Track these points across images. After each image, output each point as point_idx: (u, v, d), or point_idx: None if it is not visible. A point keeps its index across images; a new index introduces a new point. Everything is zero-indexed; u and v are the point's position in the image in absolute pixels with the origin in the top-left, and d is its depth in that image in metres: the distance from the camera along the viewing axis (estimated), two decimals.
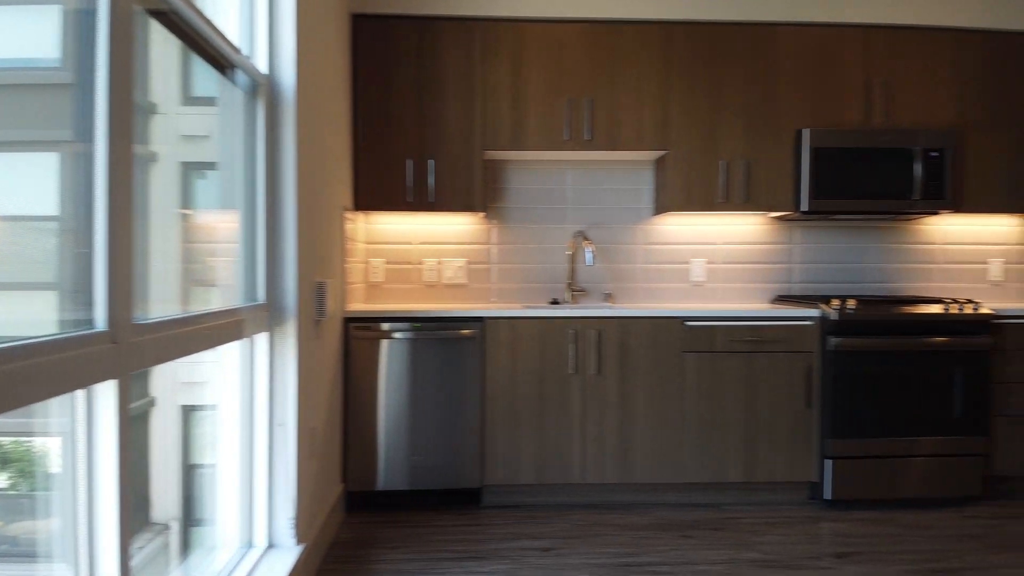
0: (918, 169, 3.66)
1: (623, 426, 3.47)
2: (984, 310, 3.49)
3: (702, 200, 3.73)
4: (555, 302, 3.97)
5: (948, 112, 3.80)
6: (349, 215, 3.51)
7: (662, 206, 3.83)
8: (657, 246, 4.06)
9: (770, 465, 3.50)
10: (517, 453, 3.44)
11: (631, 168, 4.04)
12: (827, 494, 3.47)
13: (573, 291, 3.99)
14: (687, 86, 3.71)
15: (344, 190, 3.42)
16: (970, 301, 3.54)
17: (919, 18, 3.76)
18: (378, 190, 3.62)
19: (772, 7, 3.71)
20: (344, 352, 3.40)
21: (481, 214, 3.92)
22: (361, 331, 3.39)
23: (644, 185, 4.04)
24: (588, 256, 3.82)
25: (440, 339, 3.42)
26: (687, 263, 4.07)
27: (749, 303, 4.03)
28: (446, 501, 3.54)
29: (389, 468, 3.42)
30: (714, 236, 4.07)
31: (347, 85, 3.52)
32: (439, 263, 3.97)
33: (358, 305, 3.72)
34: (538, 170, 4.01)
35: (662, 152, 3.76)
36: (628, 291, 4.05)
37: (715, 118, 3.72)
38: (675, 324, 3.48)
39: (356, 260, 3.73)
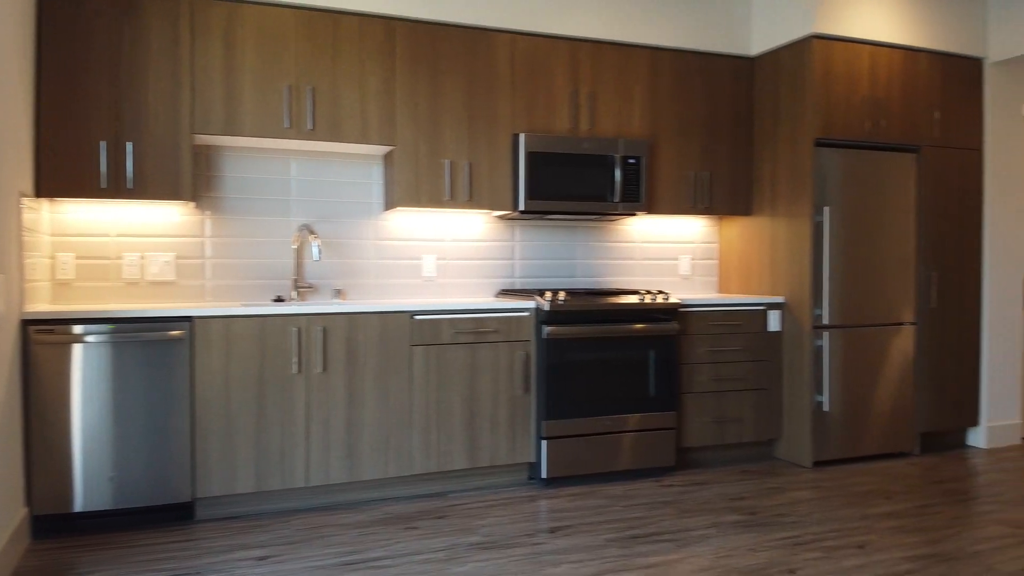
0: (618, 175, 4.03)
1: (350, 424, 3.41)
2: (673, 300, 3.93)
3: (430, 197, 3.78)
4: (279, 299, 3.80)
5: (643, 123, 4.22)
6: (29, 202, 3.08)
7: (391, 201, 3.83)
8: (388, 242, 4.06)
9: (492, 450, 3.65)
10: (234, 462, 3.24)
11: (361, 161, 3.99)
12: (544, 473, 3.70)
13: (299, 288, 3.85)
14: (411, 84, 3.74)
15: (23, 174, 2.99)
16: (661, 292, 3.96)
17: (619, 35, 4.14)
18: (66, 175, 3.21)
19: (489, 13, 3.87)
20: (24, 359, 2.97)
21: (191, 204, 3.64)
22: (45, 335, 2.99)
23: (374, 179, 4.02)
24: (314, 251, 3.71)
25: (144, 342, 3.12)
26: (419, 259, 4.11)
27: (477, 297, 4.17)
28: (157, 518, 3.24)
29: (89, 486, 3.05)
30: (444, 233, 4.16)
31: (29, 56, 3.08)
32: (142, 258, 3.61)
33: (42, 306, 3.27)
34: (258, 158, 3.82)
35: (389, 147, 3.76)
36: (360, 287, 4.00)
37: (439, 118, 3.80)
38: (404, 318, 3.49)
39: (39, 254, 3.28)
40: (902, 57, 4.27)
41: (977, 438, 4.59)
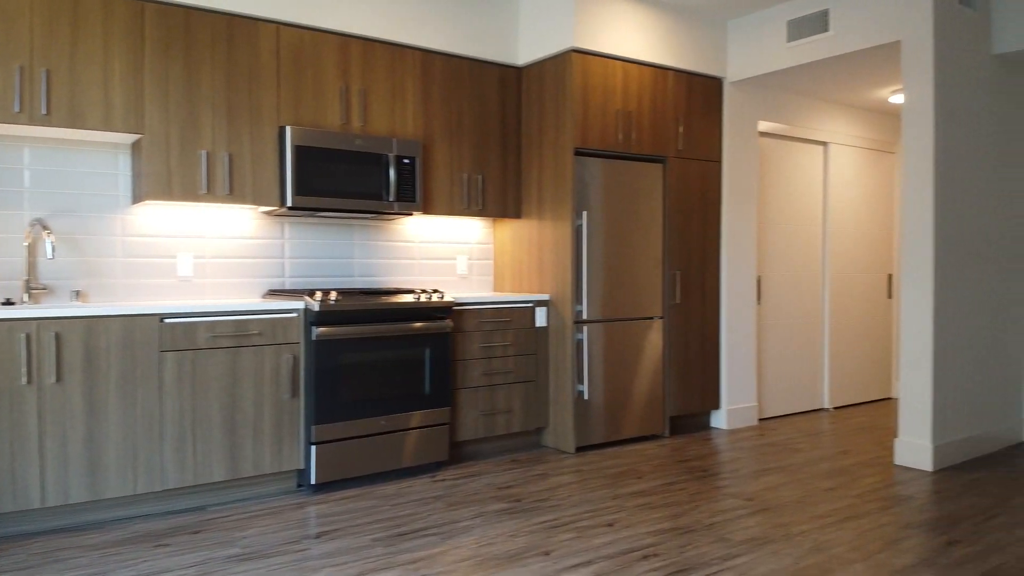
0: (392, 174, 4.03)
1: (92, 438, 3.12)
2: (447, 298, 4.00)
3: (184, 190, 3.55)
4: (9, 302, 3.39)
5: (417, 123, 4.26)
6: None
7: (140, 194, 3.54)
8: (138, 238, 3.75)
9: (256, 459, 3.50)
10: None
11: (105, 150, 3.65)
12: (313, 479, 3.61)
13: (32, 289, 3.45)
14: (162, 69, 3.49)
15: None
16: (436, 291, 4.02)
17: (391, 34, 4.14)
18: None
19: (250, 1, 3.70)
20: None
21: None
22: None
23: (121, 170, 3.69)
24: (48, 248, 3.34)
25: None
26: (173, 257, 3.84)
27: (242, 298, 3.97)
28: None
29: None
30: (203, 229, 3.92)
31: None
32: None
33: None
34: None
35: (137, 136, 3.48)
36: (104, 288, 3.66)
37: (195, 106, 3.58)
38: (151, 322, 3.25)
39: None
40: (652, 74, 4.66)
41: (719, 420, 5.12)
